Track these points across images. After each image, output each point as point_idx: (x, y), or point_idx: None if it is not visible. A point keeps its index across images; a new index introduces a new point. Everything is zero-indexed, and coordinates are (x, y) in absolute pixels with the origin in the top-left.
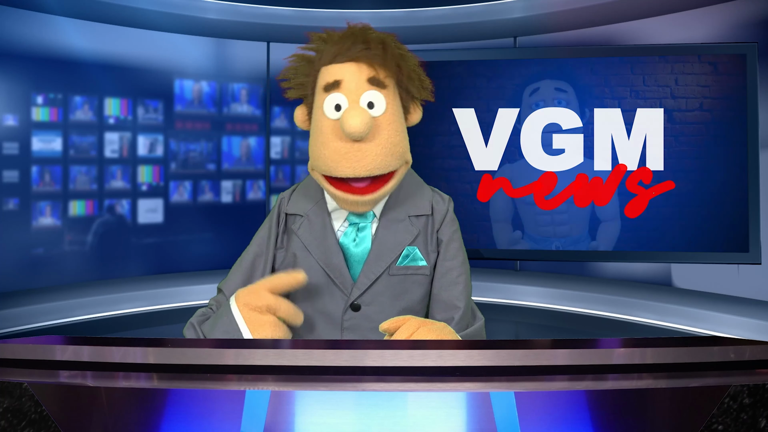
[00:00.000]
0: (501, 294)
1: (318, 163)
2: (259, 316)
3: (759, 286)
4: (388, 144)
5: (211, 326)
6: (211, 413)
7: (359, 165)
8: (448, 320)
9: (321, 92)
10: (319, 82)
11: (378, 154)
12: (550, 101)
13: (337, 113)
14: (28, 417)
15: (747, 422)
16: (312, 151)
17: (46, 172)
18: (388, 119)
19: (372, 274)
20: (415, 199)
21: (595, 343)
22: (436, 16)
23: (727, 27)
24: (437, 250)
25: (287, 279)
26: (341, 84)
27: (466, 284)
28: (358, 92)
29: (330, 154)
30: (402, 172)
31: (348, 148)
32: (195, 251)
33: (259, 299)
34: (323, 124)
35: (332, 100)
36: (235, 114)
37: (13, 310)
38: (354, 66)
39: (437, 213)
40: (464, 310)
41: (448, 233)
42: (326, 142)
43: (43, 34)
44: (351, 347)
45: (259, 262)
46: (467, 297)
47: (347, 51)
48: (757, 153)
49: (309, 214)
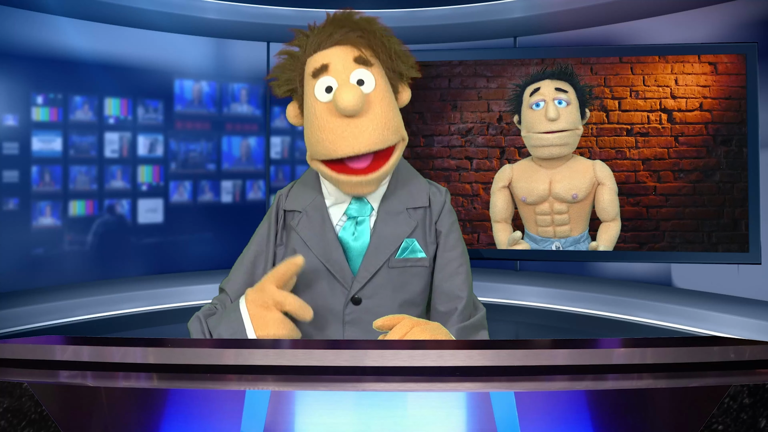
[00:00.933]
0: (501, 294)
1: (317, 148)
2: (266, 313)
3: (759, 286)
4: (382, 118)
5: (217, 321)
6: (211, 413)
7: (357, 141)
8: (451, 310)
9: (310, 80)
10: (306, 71)
11: (375, 128)
12: (550, 101)
13: (328, 95)
14: (28, 417)
15: (747, 422)
16: (309, 138)
17: (46, 172)
18: (379, 95)
19: (372, 267)
20: (413, 191)
21: (595, 343)
22: (436, 16)
23: (727, 27)
24: (436, 241)
25: (287, 266)
26: (329, 67)
27: (467, 274)
28: (347, 72)
29: (327, 136)
30: (401, 148)
31: (345, 126)
32: (195, 251)
33: (264, 295)
34: (316, 108)
35: (322, 83)
36: (235, 114)
37: (13, 310)
38: (339, 49)
39: (435, 205)
40: (467, 300)
41: (446, 224)
42: (322, 125)
43: (43, 34)
44: (351, 347)
45: (260, 260)
46: (469, 287)
47: (330, 36)
48: (757, 153)
49: (307, 209)
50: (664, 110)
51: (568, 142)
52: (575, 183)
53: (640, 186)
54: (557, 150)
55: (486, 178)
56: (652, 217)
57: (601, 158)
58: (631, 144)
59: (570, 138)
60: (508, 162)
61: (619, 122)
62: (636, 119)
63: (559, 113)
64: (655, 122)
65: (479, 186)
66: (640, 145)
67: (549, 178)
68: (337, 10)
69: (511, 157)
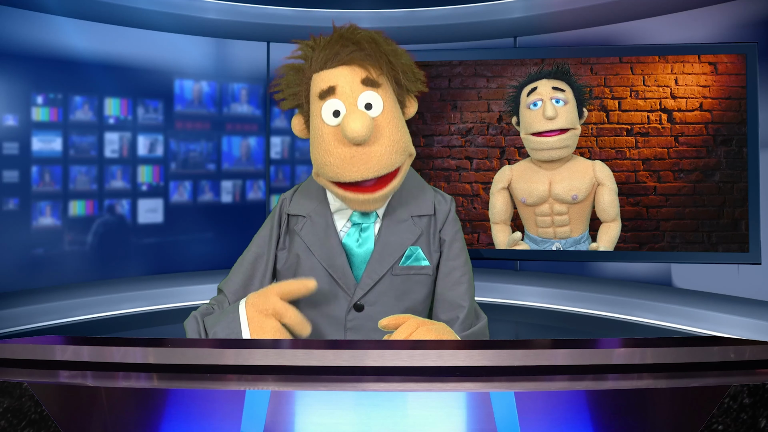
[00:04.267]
0: (501, 294)
1: (324, 170)
2: (263, 319)
3: (759, 286)
4: (391, 143)
5: (214, 320)
6: (211, 413)
7: (366, 168)
8: (452, 319)
9: (316, 100)
10: (312, 89)
11: (383, 155)
12: (547, 100)
13: (336, 119)
14: (28, 417)
15: (747, 422)
16: (316, 159)
17: (46, 172)
18: (387, 118)
19: (375, 275)
20: (418, 199)
21: (595, 343)
22: (436, 16)
23: (727, 27)
24: (440, 250)
25: (297, 285)
26: (336, 89)
27: (469, 284)
28: (354, 95)
29: (335, 161)
30: (407, 164)
31: (353, 153)
32: (195, 251)
33: (266, 302)
34: (323, 131)
35: (329, 106)
36: (235, 114)
37: (13, 310)
38: (346, 69)
39: (440, 213)
40: (468, 309)
41: (450, 233)
42: (329, 150)
43: (43, 34)
44: (351, 347)
45: (260, 262)
46: (471, 296)
47: (336, 55)
48: (757, 153)
49: (311, 214)
50: (664, 110)
51: (567, 144)
52: (575, 183)
53: (640, 186)
54: (557, 153)
55: (486, 178)
56: (652, 217)
57: (601, 158)
58: (631, 144)
59: (569, 140)
60: (508, 162)
61: (619, 122)
62: (636, 119)
63: (557, 112)
64: (655, 122)
65: (479, 186)
66: (640, 145)
67: (549, 178)
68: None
69: (511, 157)
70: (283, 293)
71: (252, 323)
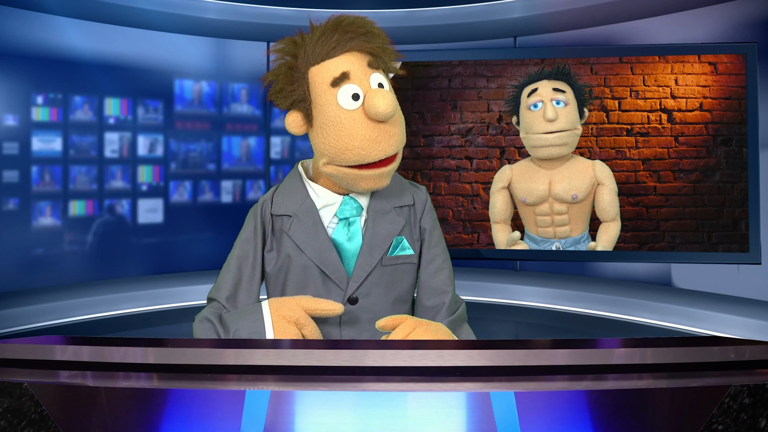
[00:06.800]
0: (501, 294)
1: (345, 155)
2: (287, 325)
3: (759, 286)
4: (401, 120)
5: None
6: (211, 413)
7: (388, 144)
8: (438, 305)
9: (327, 89)
10: (317, 80)
11: (401, 129)
12: (548, 102)
13: (356, 102)
14: (28, 417)
15: (747, 422)
16: (332, 146)
17: (46, 172)
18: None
19: (367, 266)
20: (397, 190)
21: (595, 343)
22: (436, 16)
23: (727, 27)
24: (421, 238)
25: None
26: (350, 74)
27: (450, 269)
28: (367, 77)
29: (361, 143)
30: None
31: (378, 132)
32: (195, 251)
33: (291, 310)
34: (341, 117)
35: (346, 91)
36: (235, 114)
37: (13, 310)
38: (351, 56)
39: (418, 203)
40: (452, 295)
41: (429, 222)
42: (353, 133)
43: (43, 34)
44: (351, 347)
45: (245, 265)
46: (453, 281)
47: (338, 44)
48: (757, 153)
49: (297, 213)
50: (664, 110)
51: (567, 142)
52: (575, 183)
53: (640, 186)
54: (556, 150)
55: (486, 178)
56: (652, 217)
57: (601, 158)
58: (631, 144)
59: (569, 138)
60: (508, 162)
61: (619, 122)
62: (636, 119)
63: (558, 114)
64: (655, 122)
65: (479, 186)
66: (640, 145)
67: (548, 178)
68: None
69: (511, 157)
70: (308, 308)
71: (276, 326)
